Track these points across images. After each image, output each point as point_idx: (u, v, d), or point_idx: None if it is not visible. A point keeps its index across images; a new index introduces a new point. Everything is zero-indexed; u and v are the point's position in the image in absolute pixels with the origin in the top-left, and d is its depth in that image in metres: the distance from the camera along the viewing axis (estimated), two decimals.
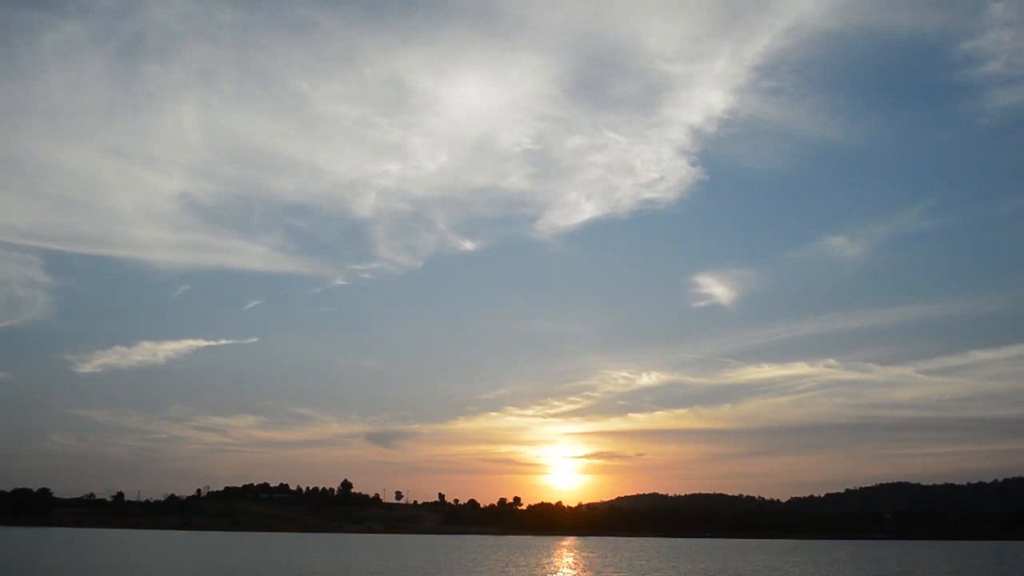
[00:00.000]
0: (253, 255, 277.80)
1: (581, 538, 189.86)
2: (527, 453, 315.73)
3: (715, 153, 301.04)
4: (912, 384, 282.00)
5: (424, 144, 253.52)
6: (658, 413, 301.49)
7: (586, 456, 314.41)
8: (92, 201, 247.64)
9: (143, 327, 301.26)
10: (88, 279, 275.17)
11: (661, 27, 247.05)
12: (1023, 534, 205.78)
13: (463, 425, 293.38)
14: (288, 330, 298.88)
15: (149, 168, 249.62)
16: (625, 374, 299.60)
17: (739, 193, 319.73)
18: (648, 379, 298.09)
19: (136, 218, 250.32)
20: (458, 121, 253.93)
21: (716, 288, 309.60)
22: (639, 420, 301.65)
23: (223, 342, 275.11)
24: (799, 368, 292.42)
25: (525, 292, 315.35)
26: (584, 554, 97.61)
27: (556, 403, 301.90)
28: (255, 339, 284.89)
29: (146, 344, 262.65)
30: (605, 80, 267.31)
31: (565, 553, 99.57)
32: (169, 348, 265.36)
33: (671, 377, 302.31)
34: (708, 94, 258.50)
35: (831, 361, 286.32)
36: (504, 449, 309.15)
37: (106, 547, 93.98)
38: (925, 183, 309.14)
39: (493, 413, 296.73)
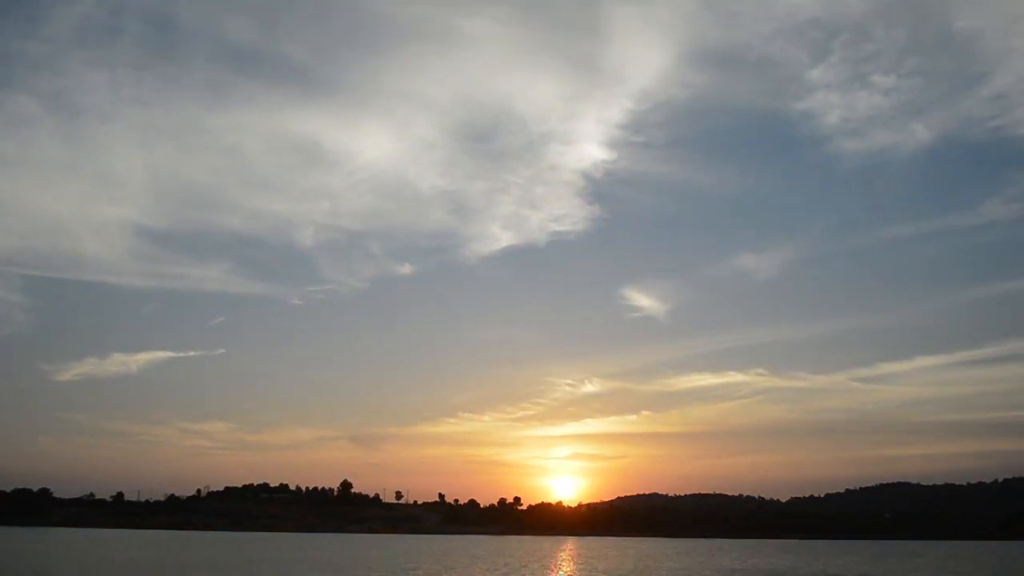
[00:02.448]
0: (211, 279, 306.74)
1: (583, 538, 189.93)
2: (506, 455, 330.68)
3: (608, 194, 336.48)
4: (846, 391, 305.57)
5: (347, 186, 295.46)
6: (611, 418, 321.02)
7: (568, 457, 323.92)
8: (61, 233, 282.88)
9: (114, 340, 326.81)
10: (59, 299, 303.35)
11: (530, 94, 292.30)
12: (1023, 534, 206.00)
13: (426, 430, 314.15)
14: (254, 343, 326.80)
15: (108, 206, 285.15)
16: (568, 381, 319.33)
17: (642, 224, 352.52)
18: (592, 387, 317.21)
19: (99, 248, 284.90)
20: (374, 167, 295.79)
21: (644, 301, 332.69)
22: (597, 424, 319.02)
23: (191, 353, 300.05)
24: (733, 376, 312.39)
25: (464, 309, 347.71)
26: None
27: (510, 409, 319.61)
28: (223, 350, 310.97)
29: (118, 356, 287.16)
30: (494, 133, 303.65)
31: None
32: (141, 359, 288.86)
33: (613, 384, 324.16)
34: (586, 147, 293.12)
35: (760, 370, 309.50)
36: (470, 452, 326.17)
37: (106, 547, 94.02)
38: (799, 220, 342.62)
39: (450, 419, 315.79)
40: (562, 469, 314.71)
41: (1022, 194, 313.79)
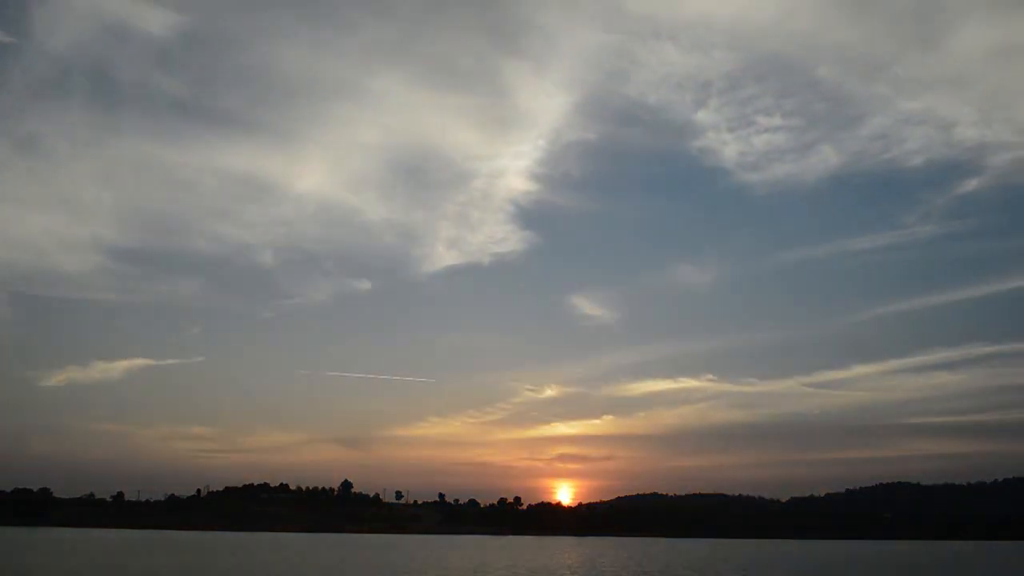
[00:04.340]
0: (183, 295, 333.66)
1: (583, 539, 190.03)
2: (486, 458, 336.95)
3: (538, 220, 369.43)
4: (798, 395, 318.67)
5: (297, 215, 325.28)
6: (576, 422, 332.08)
7: (554, 459, 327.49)
8: (39, 254, 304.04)
9: (94, 350, 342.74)
10: (39, 313, 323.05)
11: (450, 136, 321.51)
12: (1023, 534, 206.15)
13: (399, 433, 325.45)
14: (230, 352, 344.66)
15: (80, 231, 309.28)
16: (529, 387, 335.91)
17: (577, 244, 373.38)
18: (551, 392, 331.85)
19: (75, 267, 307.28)
20: (319, 198, 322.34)
21: (594, 310, 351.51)
22: (564, 428, 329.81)
23: (171, 361, 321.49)
24: (687, 382, 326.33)
25: (421, 320, 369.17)
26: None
27: (476, 414, 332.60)
28: (201, 358, 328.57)
29: (99, 363, 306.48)
30: (424, 167, 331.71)
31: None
32: (122, 366, 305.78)
33: (572, 390, 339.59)
34: (511, 180, 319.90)
35: (710, 376, 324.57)
36: (450, 454, 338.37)
37: (106, 547, 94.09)
38: (719, 241, 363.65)
39: (421, 423, 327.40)
40: (549, 471, 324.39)
41: (926, 218, 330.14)
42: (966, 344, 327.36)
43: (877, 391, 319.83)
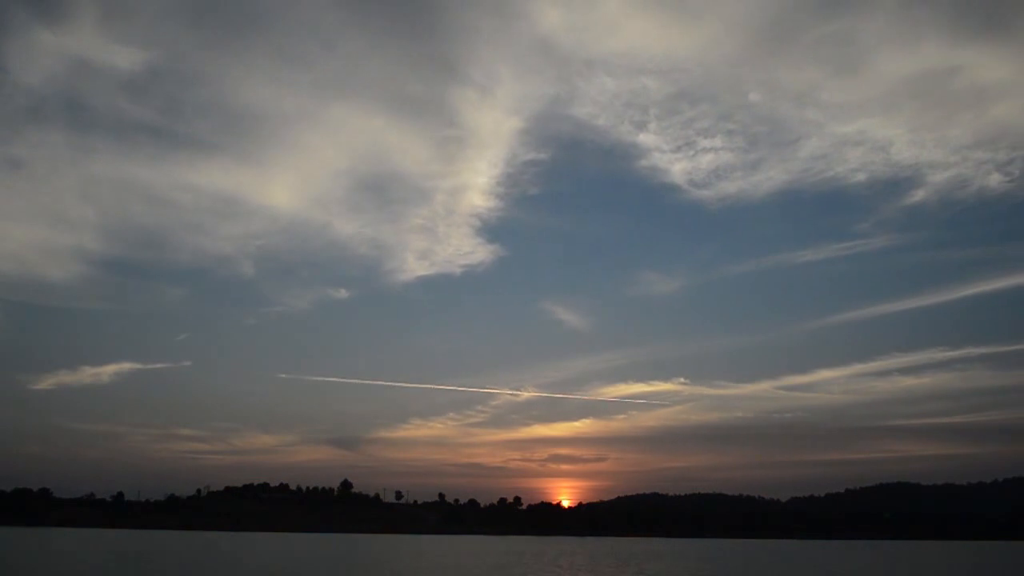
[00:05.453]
0: (168, 303, 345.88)
1: (584, 539, 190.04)
2: (474, 458, 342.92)
3: (502, 234, 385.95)
4: (772, 397, 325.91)
5: (272, 229, 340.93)
6: (558, 424, 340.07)
7: (547, 460, 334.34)
8: (27, 264, 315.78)
9: (81, 355, 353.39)
10: (27, 320, 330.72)
11: (411, 156, 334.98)
12: (1023, 534, 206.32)
13: (386, 435, 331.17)
14: (217, 356, 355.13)
15: (67, 243, 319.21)
16: (506, 390, 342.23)
17: (542, 256, 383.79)
18: (529, 395, 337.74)
19: (61, 277, 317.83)
20: (291, 214, 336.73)
21: (566, 316, 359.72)
22: (545, 430, 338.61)
23: (159, 365, 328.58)
24: (659, 385, 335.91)
25: (398, 326, 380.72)
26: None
27: (457, 416, 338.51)
28: (189, 363, 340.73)
29: (87, 368, 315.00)
30: (389, 185, 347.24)
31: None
32: (110, 370, 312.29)
33: (549, 393, 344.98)
34: (471, 197, 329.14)
35: (682, 379, 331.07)
36: (439, 455, 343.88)
37: (106, 547, 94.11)
38: (680, 252, 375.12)
39: (405, 425, 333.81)
40: (543, 471, 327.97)
41: (877, 228, 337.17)
42: (925, 350, 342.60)
43: (844, 394, 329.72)
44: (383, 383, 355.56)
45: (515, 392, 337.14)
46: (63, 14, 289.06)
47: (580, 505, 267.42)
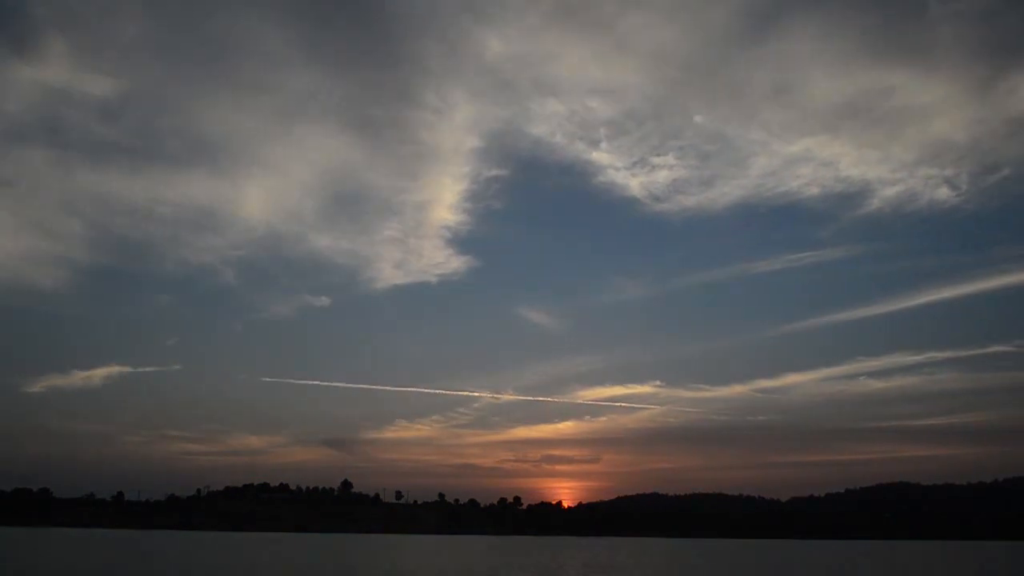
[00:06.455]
0: (156, 309, 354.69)
1: (583, 539, 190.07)
2: (462, 459, 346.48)
3: (472, 247, 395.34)
4: (749, 400, 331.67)
5: (249, 240, 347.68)
6: (541, 427, 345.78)
7: (539, 460, 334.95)
8: (16, 271, 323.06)
9: (72, 359, 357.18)
10: (14, 325, 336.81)
11: (374, 172, 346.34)
12: (1023, 534, 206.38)
13: (374, 436, 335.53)
14: (206, 360, 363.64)
15: (53, 251, 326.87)
16: (486, 393, 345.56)
17: (513, 266, 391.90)
18: (508, 397, 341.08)
19: (48, 285, 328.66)
20: (266, 227, 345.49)
21: (540, 319, 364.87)
22: (528, 432, 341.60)
23: (149, 369, 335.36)
24: (636, 388, 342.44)
25: (378, 332, 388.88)
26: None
27: (441, 419, 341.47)
28: (179, 366, 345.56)
29: (77, 372, 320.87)
30: (357, 199, 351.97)
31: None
32: (100, 373, 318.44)
33: (528, 396, 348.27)
34: (439, 211, 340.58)
35: (657, 382, 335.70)
36: (430, 456, 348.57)
37: (106, 547, 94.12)
38: (644, 262, 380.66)
39: (392, 427, 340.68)
40: (537, 472, 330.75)
41: (835, 239, 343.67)
42: (890, 355, 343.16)
43: (813, 397, 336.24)
44: (367, 386, 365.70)
45: (495, 395, 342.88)
46: (36, 47, 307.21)
47: (580, 505, 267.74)
